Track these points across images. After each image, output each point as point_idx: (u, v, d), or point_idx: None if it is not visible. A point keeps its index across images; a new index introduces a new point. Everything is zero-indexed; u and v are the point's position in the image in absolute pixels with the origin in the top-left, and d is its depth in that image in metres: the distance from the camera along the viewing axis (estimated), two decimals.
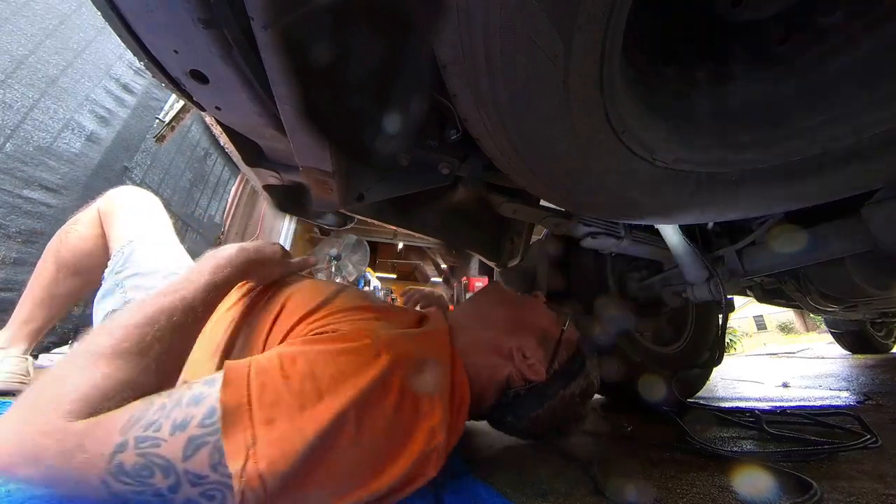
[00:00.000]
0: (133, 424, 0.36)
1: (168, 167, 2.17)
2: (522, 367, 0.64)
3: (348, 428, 0.41)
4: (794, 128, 0.54)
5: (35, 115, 1.54)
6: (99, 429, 0.35)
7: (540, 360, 0.65)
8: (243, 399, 0.38)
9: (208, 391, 0.39)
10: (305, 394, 0.40)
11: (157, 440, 0.35)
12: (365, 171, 0.67)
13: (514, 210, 0.91)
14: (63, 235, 0.90)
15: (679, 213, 0.65)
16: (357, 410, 0.42)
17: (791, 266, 1.04)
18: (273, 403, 0.39)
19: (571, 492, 0.61)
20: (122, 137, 1.86)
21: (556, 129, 0.45)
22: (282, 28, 0.33)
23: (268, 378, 0.40)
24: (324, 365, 0.44)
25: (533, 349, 0.65)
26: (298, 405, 0.40)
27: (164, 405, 0.38)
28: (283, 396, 0.39)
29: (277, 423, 0.38)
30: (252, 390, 0.39)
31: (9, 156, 1.45)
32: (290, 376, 0.41)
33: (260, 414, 0.38)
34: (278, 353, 0.44)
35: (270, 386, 0.40)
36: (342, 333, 0.50)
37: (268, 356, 0.44)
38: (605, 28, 0.36)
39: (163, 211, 0.92)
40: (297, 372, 0.42)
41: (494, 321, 0.70)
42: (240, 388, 0.39)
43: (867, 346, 3.14)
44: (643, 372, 1.21)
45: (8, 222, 1.43)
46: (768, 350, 7.73)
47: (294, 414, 0.39)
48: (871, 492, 0.60)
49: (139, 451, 0.35)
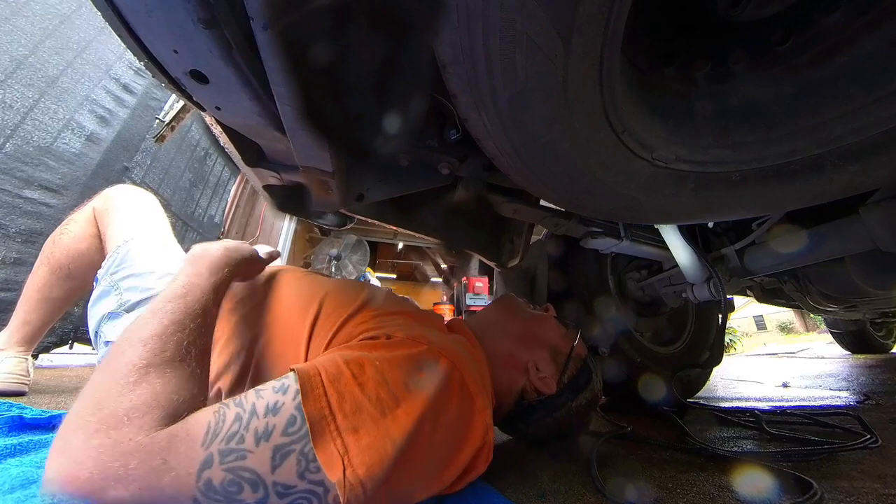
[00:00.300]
0: (214, 437, 0.36)
1: (168, 167, 2.17)
2: (535, 380, 0.68)
3: (426, 429, 0.44)
4: (794, 128, 0.54)
5: (35, 115, 1.54)
6: (180, 443, 0.35)
7: (552, 374, 0.69)
8: (325, 409, 0.40)
9: (283, 399, 0.39)
10: (383, 400, 0.43)
11: (243, 452, 0.35)
12: (365, 171, 0.67)
13: (514, 210, 0.91)
14: (56, 236, 0.88)
15: (679, 213, 0.66)
16: (432, 412, 0.45)
17: (791, 266, 1.04)
18: (354, 411, 0.41)
19: (571, 492, 0.61)
20: (122, 137, 1.86)
21: (556, 129, 0.45)
22: (282, 28, 0.33)
23: (343, 387, 0.42)
24: (392, 371, 0.46)
25: (546, 364, 0.70)
26: (379, 412, 0.42)
27: (240, 416, 0.38)
28: (362, 404, 0.41)
29: (363, 431, 0.40)
30: (331, 399, 0.40)
31: (9, 156, 1.45)
32: (364, 384, 0.43)
33: (344, 423, 0.39)
34: (343, 359, 0.45)
35: (348, 395, 0.41)
36: (398, 340, 0.53)
37: (333, 362, 0.45)
38: (604, 28, 0.36)
39: (160, 210, 0.91)
40: (369, 379, 0.44)
41: (511, 335, 0.74)
42: (318, 398, 0.40)
43: (867, 346, 3.14)
44: (643, 372, 1.21)
45: (8, 222, 1.43)
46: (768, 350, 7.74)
47: (377, 420, 0.41)
48: (871, 492, 0.60)
49: (225, 465, 0.35)
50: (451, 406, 0.49)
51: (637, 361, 1.22)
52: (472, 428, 0.51)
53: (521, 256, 1.09)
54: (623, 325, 1.25)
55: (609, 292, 1.30)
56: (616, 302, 1.31)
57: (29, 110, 1.52)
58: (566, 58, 0.37)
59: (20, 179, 1.47)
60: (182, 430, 0.36)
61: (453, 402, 0.49)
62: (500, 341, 0.72)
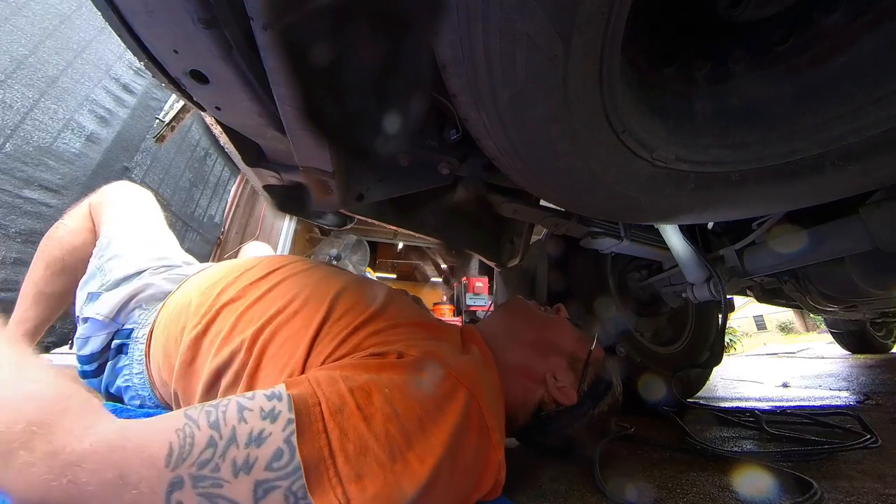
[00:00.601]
0: (181, 460, 0.32)
1: (168, 167, 2.17)
2: (554, 391, 0.64)
3: (444, 476, 0.39)
4: (794, 128, 0.54)
5: (35, 115, 1.54)
6: (132, 455, 0.31)
7: (571, 383, 0.65)
8: (324, 450, 0.35)
9: (270, 429, 0.34)
10: (392, 440, 0.38)
11: (219, 481, 0.32)
12: (365, 171, 0.67)
13: (514, 210, 0.91)
14: (52, 232, 0.89)
15: (679, 213, 0.65)
16: (449, 457, 0.40)
17: (791, 266, 1.04)
18: (359, 454, 0.36)
19: (571, 492, 0.61)
20: (122, 137, 1.86)
21: (556, 129, 0.45)
22: (282, 28, 0.33)
23: (346, 421, 0.37)
24: (403, 402, 0.41)
25: (564, 373, 0.66)
26: (388, 456, 0.37)
27: (213, 441, 0.33)
28: (368, 445, 0.36)
29: (369, 479, 0.35)
30: (332, 437, 0.36)
31: (9, 156, 1.44)
32: (370, 417, 0.38)
33: (346, 468, 0.35)
34: (347, 386, 0.40)
35: (352, 431, 0.37)
36: (411, 360, 0.48)
37: (336, 389, 0.40)
38: (604, 28, 0.36)
39: (154, 202, 0.92)
40: (376, 411, 0.39)
41: (525, 343, 0.70)
42: (316, 435, 0.35)
43: (867, 346, 3.14)
44: (643, 372, 1.21)
45: (8, 222, 1.43)
46: (768, 350, 7.74)
47: (385, 467, 0.36)
48: (871, 491, 0.60)
49: (199, 490, 0.31)
50: (469, 446, 0.44)
51: (637, 361, 1.22)
52: (487, 468, 0.47)
53: (521, 256, 1.09)
54: (623, 325, 1.24)
55: (609, 292, 1.30)
56: (616, 302, 1.31)
57: (29, 110, 1.52)
58: (566, 58, 0.37)
59: (20, 179, 1.47)
60: (127, 442, 0.31)
61: (471, 440, 0.45)
62: (514, 351, 0.68)
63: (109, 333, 0.71)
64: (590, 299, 1.24)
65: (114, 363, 0.70)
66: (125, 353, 0.70)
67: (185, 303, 0.66)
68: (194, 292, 0.67)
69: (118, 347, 0.70)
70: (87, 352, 0.71)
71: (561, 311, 0.79)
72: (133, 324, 0.71)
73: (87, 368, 0.71)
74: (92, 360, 0.71)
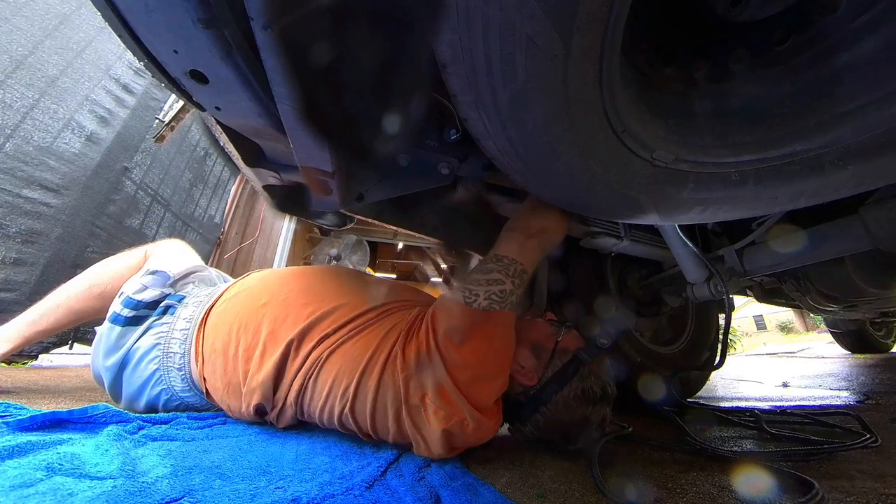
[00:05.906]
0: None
1: (168, 167, 2.17)
2: (517, 374, 0.72)
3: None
4: (794, 128, 0.54)
5: (35, 115, 1.54)
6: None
7: (532, 367, 0.73)
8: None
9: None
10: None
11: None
12: (365, 171, 0.67)
13: (514, 210, 0.91)
14: (108, 259, 0.99)
15: (679, 213, 0.65)
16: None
17: (791, 266, 1.04)
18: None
19: (571, 491, 0.61)
20: (122, 137, 1.86)
21: (556, 129, 0.45)
22: (282, 28, 0.33)
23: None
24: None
25: (526, 358, 0.74)
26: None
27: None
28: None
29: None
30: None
31: (9, 156, 1.45)
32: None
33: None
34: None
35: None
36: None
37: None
38: (604, 28, 0.36)
39: (197, 258, 1.04)
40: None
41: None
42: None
43: (867, 346, 3.14)
44: (643, 372, 1.21)
45: (8, 222, 1.43)
46: (768, 350, 7.73)
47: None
48: (871, 491, 0.60)
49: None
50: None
51: (637, 361, 1.22)
52: (504, 370, 0.71)
53: None
54: (623, 325, 1.24)
55: (609, 292, 1.30)
56: (616, 302, 1.31)
57: (29, 110, 1.52)
58: (566, 58, 0.37)
59: (20, 179, 1.47)
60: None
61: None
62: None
63: (164, 293, 0.86)
64: (590, 299, 1.24)
65: (153, 321, 0.82)
66: (170, 313, 0.83)
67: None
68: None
69: (165, 308, 0.84)
70: (138, 297, 0.84)
71: (546, 316, 0.89)
72: (186, 292, 0.88)
73: (124, 315, 0.82)
74: (137, 307, 0.83)
